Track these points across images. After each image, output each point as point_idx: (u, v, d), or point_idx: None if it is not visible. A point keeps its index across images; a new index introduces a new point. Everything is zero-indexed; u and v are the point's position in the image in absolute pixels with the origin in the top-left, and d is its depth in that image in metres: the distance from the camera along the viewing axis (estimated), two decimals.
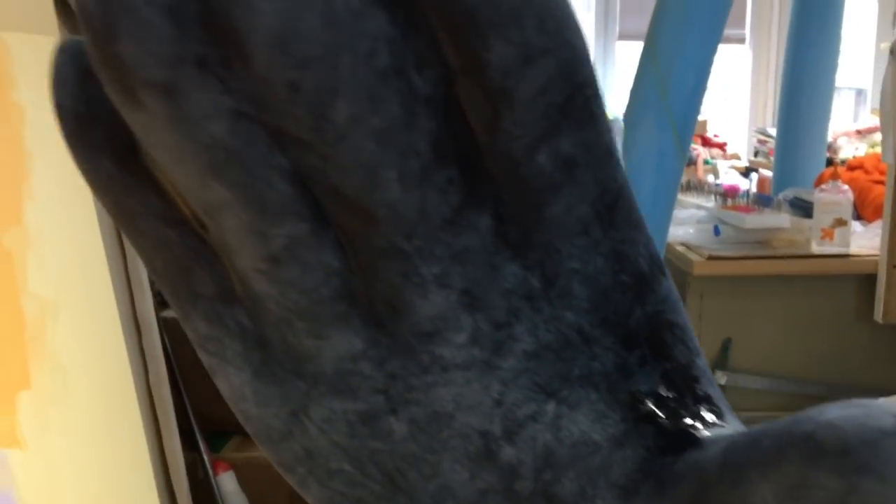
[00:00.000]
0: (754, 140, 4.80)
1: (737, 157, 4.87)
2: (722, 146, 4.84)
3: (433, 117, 0.16)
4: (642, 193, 1.68)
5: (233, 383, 0.19)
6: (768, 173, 3.65)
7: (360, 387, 0.18)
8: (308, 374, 0.18)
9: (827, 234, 1.93)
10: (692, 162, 3.95)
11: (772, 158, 3.69)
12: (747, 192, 2.37)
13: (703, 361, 0.19)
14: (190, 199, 0.17)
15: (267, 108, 0.15)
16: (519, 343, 0.17)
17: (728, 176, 4.04)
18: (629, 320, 0.18)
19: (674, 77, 1.67)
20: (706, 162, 4.32)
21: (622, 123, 1.73)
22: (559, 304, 0.17)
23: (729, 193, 3.01)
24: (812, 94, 2.58)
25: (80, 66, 0.17)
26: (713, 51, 1.74)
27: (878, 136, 3.73)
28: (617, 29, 5.45)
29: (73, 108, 0.17)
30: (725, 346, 1.98)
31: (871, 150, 3.87)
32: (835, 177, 1.97)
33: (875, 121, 3.91)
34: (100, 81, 0.17)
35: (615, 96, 5.31)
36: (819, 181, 2.09)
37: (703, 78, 1.74)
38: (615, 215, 0.17)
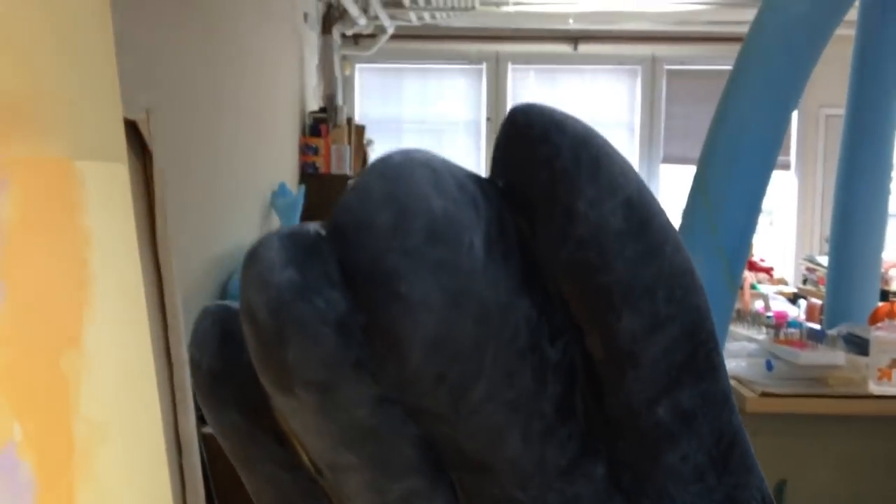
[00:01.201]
0: (802, 268, 4.76)
1: (784, 281, 4.82)
2: (768, 270, 4.80)
3: (560, 381, 0.16)
4: None
5: None
6: (818, 301, 3.59)
7: None
8: None
9: (885, 375, 1.88)
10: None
11: (821, 287, 3.64)
12: (799, 323, 2.32)
13: None
14: (317, 459, 0.18)
15: (410, 394, 0.16)
16: None
17: (775, 302, 3.99)
18: None
19: (724, 213, 1.67)
20: (753, 286, 4.28)
21: None
22: None
23: (778, 320, 2.96)
24: (864, 224, 2.56)
25: (221, 331, 0.18)
26: (764, 187, 1.75)
27: None
28: (661, 153, 5.53)
29: (209, 368, 0.18)
30: (780, 489, 1.90)
31: None
32: (891, 315, 1.93)
33: None
34: (238, 345, 0.18)
35: None
36: (874, 318, 2.05)
37: (755, 213, 1.75)
38: (730, 461, 0.18)
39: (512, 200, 0.16)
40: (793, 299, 4.21)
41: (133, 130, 1.66)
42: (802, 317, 3.63)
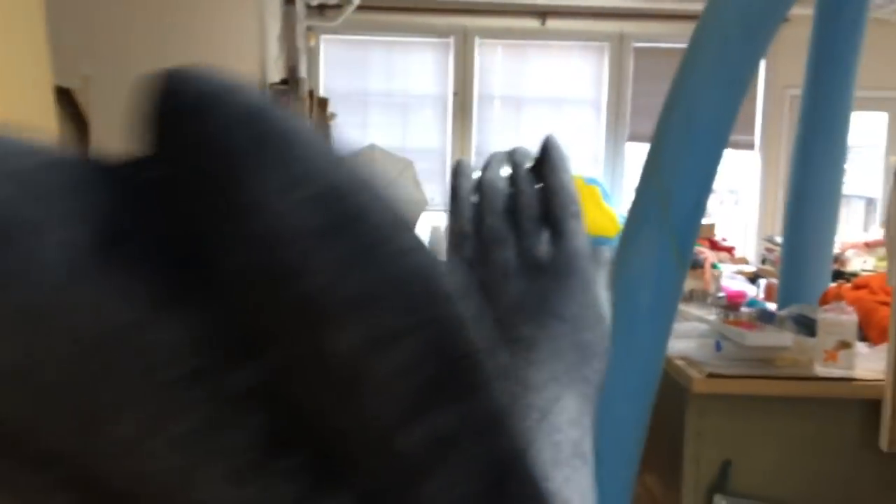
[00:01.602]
0: (762, 247, 4.79)
1: (745, 261, 4.85)
2: (730, 250, 4.82)
3: (263, 408, 0.14)
4: (640, 307, 1.65)
5: None
6: (776, 281, 3.62)
7: None
8: None
9: (830, 356, 1.89)
10: (700, 266, 3.93)
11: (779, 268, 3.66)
12: (756, 302, 2.33)
13: None
14: None
15: (19, 439, 0.13)
16: None
17: (735, 282, 4.01)
18: None
19: (676, 191, 1.66)
20: (714, 266, 4.30)
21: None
22: None
23: (734, 299, 2.97)
24: (819, 207, 2.57)
25: None
26: (717, 165, 1.74)
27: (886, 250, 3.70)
28: (627, 131, 5.53)
29: None
30: (725, 469, 1.91)
31: (879, 264, 3.84)
32: (839, 297, 1.93)
33: (883, 234, 3.89)
34: None
35: (624, 197, 5.34)
36: (823, 300, 2.06)
37: (706, 192, 1.74)
38: (507, 489, 0.16)
39: (165, 191, 0.14)
40: (752, 279, 4.24)
41: (68, 99, 1.60)
42: (762, 296, 3.66)
